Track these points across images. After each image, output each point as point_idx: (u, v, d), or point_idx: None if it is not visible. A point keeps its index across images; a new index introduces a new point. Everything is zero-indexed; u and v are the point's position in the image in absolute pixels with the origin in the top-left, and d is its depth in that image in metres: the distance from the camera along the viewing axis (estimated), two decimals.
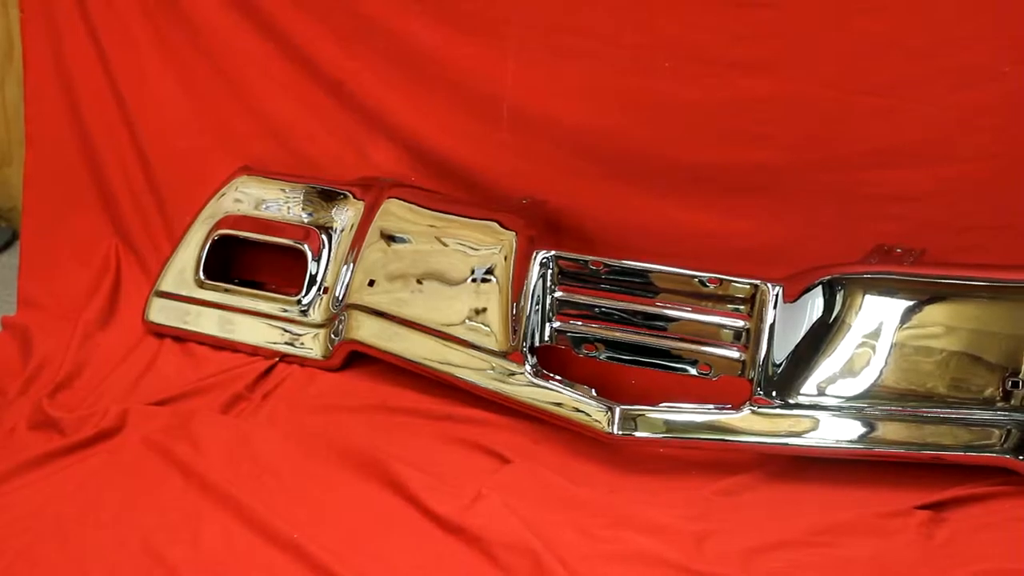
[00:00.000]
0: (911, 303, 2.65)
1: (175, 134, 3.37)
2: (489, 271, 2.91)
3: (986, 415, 2.59)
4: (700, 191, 3.01)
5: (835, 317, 2.65)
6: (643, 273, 2.78)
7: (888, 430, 2.63)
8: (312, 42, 3.24)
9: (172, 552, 2.42)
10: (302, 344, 3.11)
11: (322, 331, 3.10)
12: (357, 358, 3.06)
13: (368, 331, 3.02)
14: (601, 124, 3.04)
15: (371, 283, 3.05)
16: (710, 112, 2.97)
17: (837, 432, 2.64)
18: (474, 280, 2.92)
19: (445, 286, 2.96)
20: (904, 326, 2.64)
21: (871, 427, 2.64)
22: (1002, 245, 2.81)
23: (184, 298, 3.22)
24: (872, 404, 2.64)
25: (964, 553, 2.41)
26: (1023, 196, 2.79)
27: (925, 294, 2.66)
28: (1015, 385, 2.57)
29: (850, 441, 2.64)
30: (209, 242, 3.23)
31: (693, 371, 2.77)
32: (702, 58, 2.95)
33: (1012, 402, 2.58)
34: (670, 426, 2.70)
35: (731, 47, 2.91)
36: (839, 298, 2.65)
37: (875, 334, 2.64)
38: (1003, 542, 2.43)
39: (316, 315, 3.12)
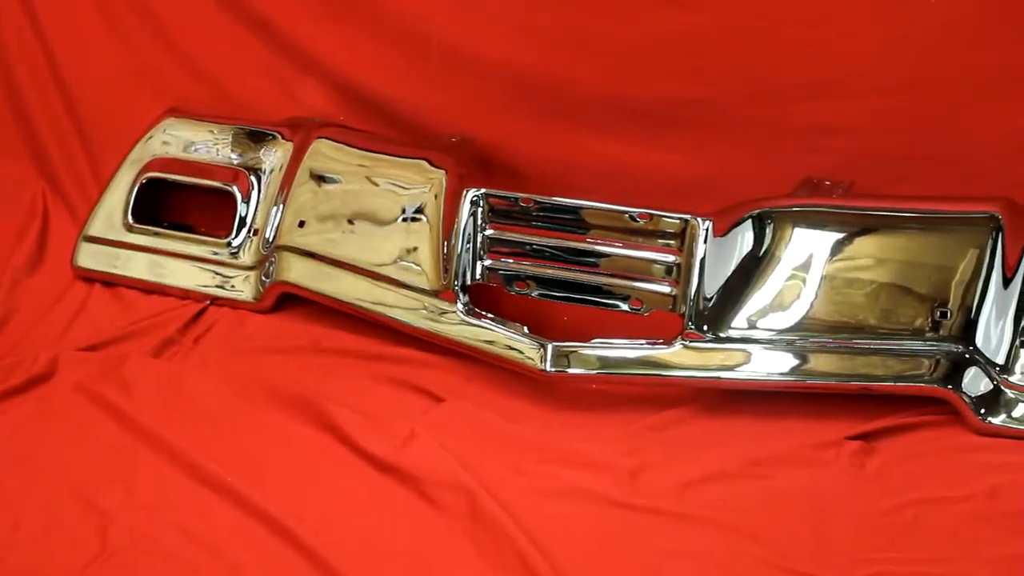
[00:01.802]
0: (840, 235, 2.67)
1: (101, 77, 3.34)
2: (419, 210, 2.90)
3: (916, 345, 2.61)
4: (631, 126, 3.00)
5: (765, 250, 2.66)
6: (573, 209, 2.77)
7: (820, 362, 2.65)
8: None
9: (106, 497, 2.41)
10: (233, 287, 3.09)
11: (253, 273, 3.08)
12: (289, 300, 3.05)
13: (299, 272, 3.00)
14: (530, 60, 3.03)
15: (301, 224, 3.03)
16: (640, 47, 2.96)
17: (769, 365, 2.66)
18: (404, 219, 2.91)
19: (376, 226, 2.95)
20: (834, 258, 2.66)
21: (803, 359, 2.65)
22: (930, 176, 2.83)
23: (113, 242, 3.19)
24: (803, 336, 2.65)
25: (894, 482, 2.44)
26: (950, 126, 2.81)
27: (854, 226, 2.67)
28: (943, 315, 2.60)
29: (782, 374, 2.65)
30: (137, 185, 3.20)
31: (625, 307, 2.77)
32: None
33: (941, 332, 2.60)
34: (603, 362, 2.71)
35: None
36: (768, 231, 2.66)
37: (805, 267, 2.65)
38: (932, 471, 2.46)
39: (246, 257, 3.10)
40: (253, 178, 3.13)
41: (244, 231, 3.12)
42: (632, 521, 2.37)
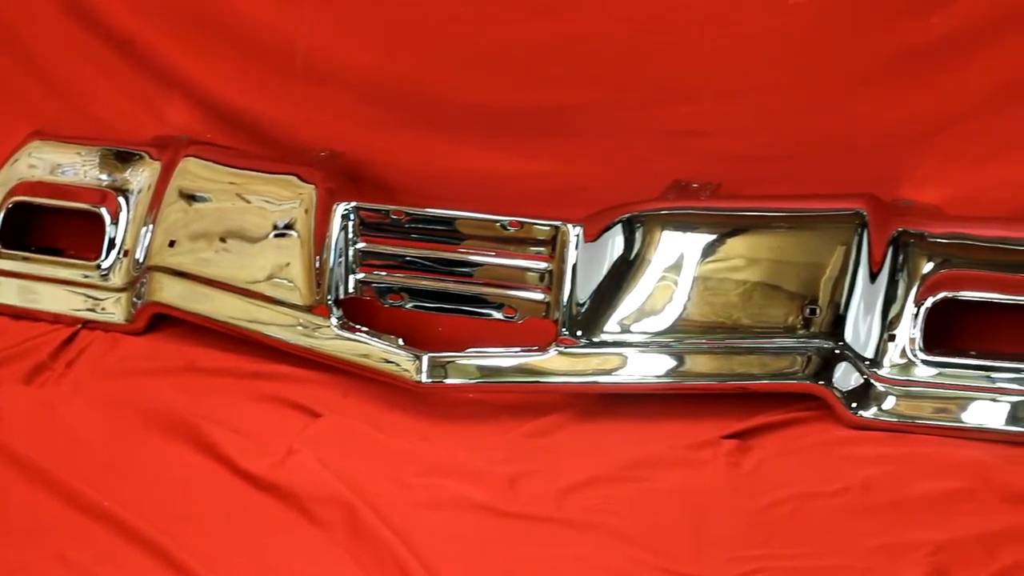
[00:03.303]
0: (710, 237, 2.70)
1: None
2: (290, 225, 2.89)
3: (788, 343, 2.64)
4: (499, 135, 3.01)
5: (636, 254, 2.68)
6: (445, 220, 2.78)
7: (695, 363, 2.67)
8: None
9: None
10: (104, 309, 3.05)
11: (124, 295, 3.05)
12: (162, 320, 3.03)
13: (171, 293, 2.98)
14: (396, 71, 3.03)
15: (172, 244, 3.01)
16: (505, 55, 2.98)
17: (645, 368, 2.68)
18: (276, 235, 2.90)
19: (247, 243, 2.94)
20: (705, 260, 2.68)
21: (678, 361, 2.67)
22: (796, 175, 2.86)
23: None
24: (678, 338, 2.67)
25: (770, 479, 2.46)
26: (813, 125, 2.85)
27: (723, 227, 2.70)
28: (813, 312, 2.63)
29: (658, 376, 2.67)
30: (3, 210, 3.16)
31: (499, 315, 2.78)
32: (496, 1, 2.95)
33: (812, 329, 2.63)
34: (479, 371, 2.71)
35: None
36: (638, 235, 2.68)
37: (676, 269, 2.67)
38: (806, 466, 2.49)
39: (117, 279, 3.07)
40: (121, 199, 3.10)
41: (114, 253, 3.09)
42: (512, 529, 2.37)
